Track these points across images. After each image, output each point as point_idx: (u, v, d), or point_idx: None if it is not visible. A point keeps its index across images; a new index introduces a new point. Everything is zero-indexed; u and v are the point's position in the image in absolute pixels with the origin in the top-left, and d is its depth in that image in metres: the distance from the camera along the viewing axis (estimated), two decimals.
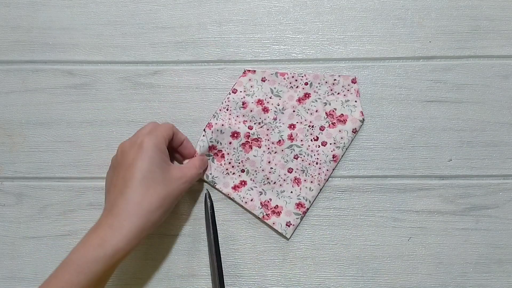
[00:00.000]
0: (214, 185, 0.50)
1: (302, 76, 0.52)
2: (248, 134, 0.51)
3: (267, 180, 0.50)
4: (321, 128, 0.51)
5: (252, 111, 0.51)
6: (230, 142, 0.50)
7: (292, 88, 0.52)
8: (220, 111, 0.51)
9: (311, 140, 0.51)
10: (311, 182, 0.50)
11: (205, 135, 0.50)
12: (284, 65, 0.53)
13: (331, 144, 0.50)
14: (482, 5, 0.53)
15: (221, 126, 0.50)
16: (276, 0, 0.54)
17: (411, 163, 0.51)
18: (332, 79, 0.52)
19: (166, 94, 0.53)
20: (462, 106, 0.52)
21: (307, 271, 0.49)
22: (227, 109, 0.51)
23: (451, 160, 0.51)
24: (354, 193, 0.50)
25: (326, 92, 0.52)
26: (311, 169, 0.50)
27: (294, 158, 0.50)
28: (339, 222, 0.50)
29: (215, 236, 0.48)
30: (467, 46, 0.53)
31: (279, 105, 0.52)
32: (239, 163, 0.50)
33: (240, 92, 0.52)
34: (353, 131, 0.51)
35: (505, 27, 0.53)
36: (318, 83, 0.52)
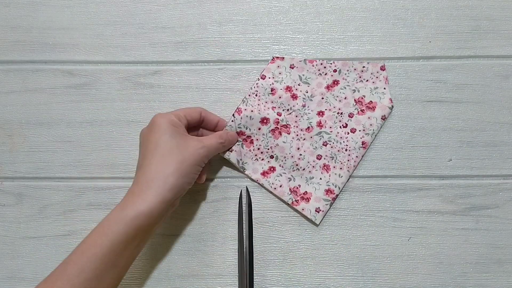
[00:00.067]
0: (244, 170, 0.50)
1: (330, 63, 0.52)
2: (277, 120, 0.51)
3: (296, 167, 0.50)
4: (350, 115, 0.51)
5: (280, 98, 0.51)
6: (259, 128, 0.50)
7: (320, 75, 0.52)
8: (249, 96, 0.51)
9: (340, 127, 0.51)
10: (340, 169, 0.50)
11: (234, 120, 0.50)
12: None
13: (360, 131, 0.50)
14: (482, 5, 0.53)
15: (251, 112, 0.50)
16: (276, 0, 0.54)
17: (411, 163, 0.51)
18: (361, 66, 0.52)
19: (166, 94, 0.53)
20: (462, 106, 0.52)
21: (307, 271, 0.49)
22: (256, 95, 0.51)
23: (451, 160, 0.51)
24: (354, 193, 0.50)
25: (355, 79, 0.52)
26: (340, 156, 0.50)
27: (323, 145, 0.50)
28: (339, 222, 0.50)
29: (250, 233, 0.48)
30: (467, 46, 0.53)
31: (308, 92, 0.52)
32: (268, 149, 0.50)
33: (269, 78, 0.52)
34: (382, 118, 0.51)
35: (505, 27, 0.53)
36: (347, 70, 0.52)
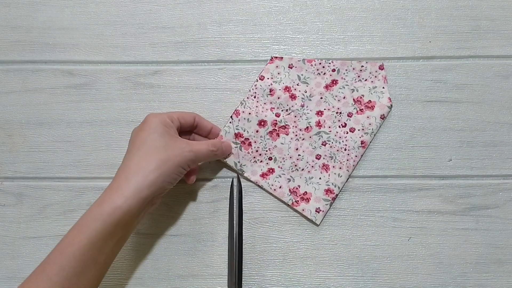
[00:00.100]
0: (242, 173, 0.50)
1: (329, 63, 0.52)
2: (275, 121, 0.51)
3: (295, 167, 0.50)
4: (349, 115, 0.51)
5: (279, 98, 0.51)
6: (257, 131, 0.51)
7: (319, 75, 0.52)
8: (247, 98, 0.52)
9: (339, 127, 0.51)
10: (339, 168, 0.50)
11: (232, 122, 0.50)
12: None
13: (359, 130, 0.50)
14: (482, 5, 0.53)
15: (248, 115, 0.51)
16: (276, 0, 0.54)
17: (411, 163, 0.51)
18: (359, 65, 0.52)
19: (166, 94, 0.53)
20: (462, 106, 0.52)
21: (307, 271, 0.49)
22: (255, 97, 0.51)
23: (451, 160, 0.51)
24: (354, 193, 0.50)
25: (354, 78, 0.52)
26: (340, 156, 0.50)
27: (322, 145, 0.50)
28: (339, 222, 0.50)
29: (240, 220, 0.48)
30: (467, 46, 0.53)
31: (307, 92, 0.52)
32: (266, 151, 0.50)
33: (268, 79, 0.52)
34: (381, 117, 0.51)
35: (505, 27, 0.53)
36: (346, 69, 0.52)
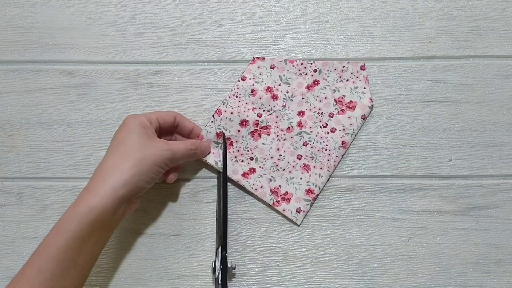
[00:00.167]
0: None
1: (311, 63, 0.52)
2: (257, 122, 0.51)
3: (276, 167, 0.50)
4: (330, 115, 0.51)
5: (261, 99, 0.51)
6: (238, 130, 0.51)
7: (301, 75, 0.52)
8: (229, 98, 0.52)
9: (320, 127, 0.51)
10: (320, 169, 0.50)
11: (213, 121, 0.50)
12: None
13: (340, 131, 0.50)
14: (482, 5, 0.53)
15: (230, 114, 0.51)
16: (276, 0, 0.54)
17: (411, 163, 0.51)
18: (341, 66, 0.52)
19: (166, 94, 0.53)
20: (462, 106, 0.52)
21: (307, 271, 0.49)
22: (236, 96, 0.52)
23: (451, 160, 0.51)
24: (354, 193, 0.50)
25: (335, 79, 0.52)
26: (320, 156, 0.50)
27: (303, 145, 0.50)
28: (339, 222, 0.50)
29: (224, 174, 0.48)
30: (467, 46, 0.53)
31: (288, 92, 0.52)
32: (248, 151, 0.50)
33: (249, 79, 0.52)
34: (362, 118, 0.51)
35: (505, 27, 0.53)
36: (327, 70, 0.52)
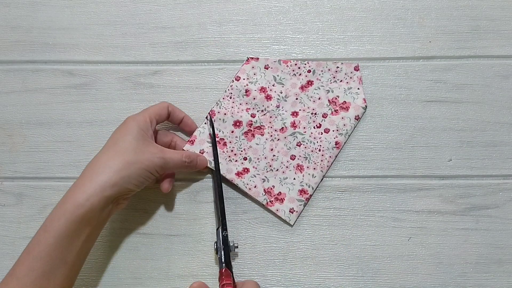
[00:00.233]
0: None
1: (305, 63, 0.52)
2: (251, 122, 0.51)
3: (270, 168, 0.50)
4: (324, 116, 0.51)
5: (255, 99, 0.51)
6: (232, 131, 0.51)
7: (295, 75, 0.52)
8: (223, 99, 0.52)
9: (314, 127, 0.51)
10: (314, 169, 0.50)
11: (206, 122, 0.51)
12: None
13: (333, 131, 0.50)
14: (482, 5, 0.53)
15: (224, 115, 0.51)
16: (276, 0, 0.54)
17: (411, 163, 0.51)
18: (334, 66, 0.52)
19: (166, 94, 0.53)
20: (462, 106, 0.52)
21: (307, 271, 0.49)
22: (230, 97, 0.52)
23: (451, 160, 0.51)
24: (354, 193, 0.50)
25: (329, 79, 0.52)
26: (314, 156, 0.50)
27: (297, 145, 0.50)
28: (339, 222, 0.50)
29: (215, 154, 0.49)
30: (467, 46, 0.53)
31: (282, 93, 0.52)
32: (241, 151, 0.50)
33: (243, 79, 0.52)
34: (356, 118, 0.51)
35: (505, 27, 0.53)
36: (321, 70, 0.52)
